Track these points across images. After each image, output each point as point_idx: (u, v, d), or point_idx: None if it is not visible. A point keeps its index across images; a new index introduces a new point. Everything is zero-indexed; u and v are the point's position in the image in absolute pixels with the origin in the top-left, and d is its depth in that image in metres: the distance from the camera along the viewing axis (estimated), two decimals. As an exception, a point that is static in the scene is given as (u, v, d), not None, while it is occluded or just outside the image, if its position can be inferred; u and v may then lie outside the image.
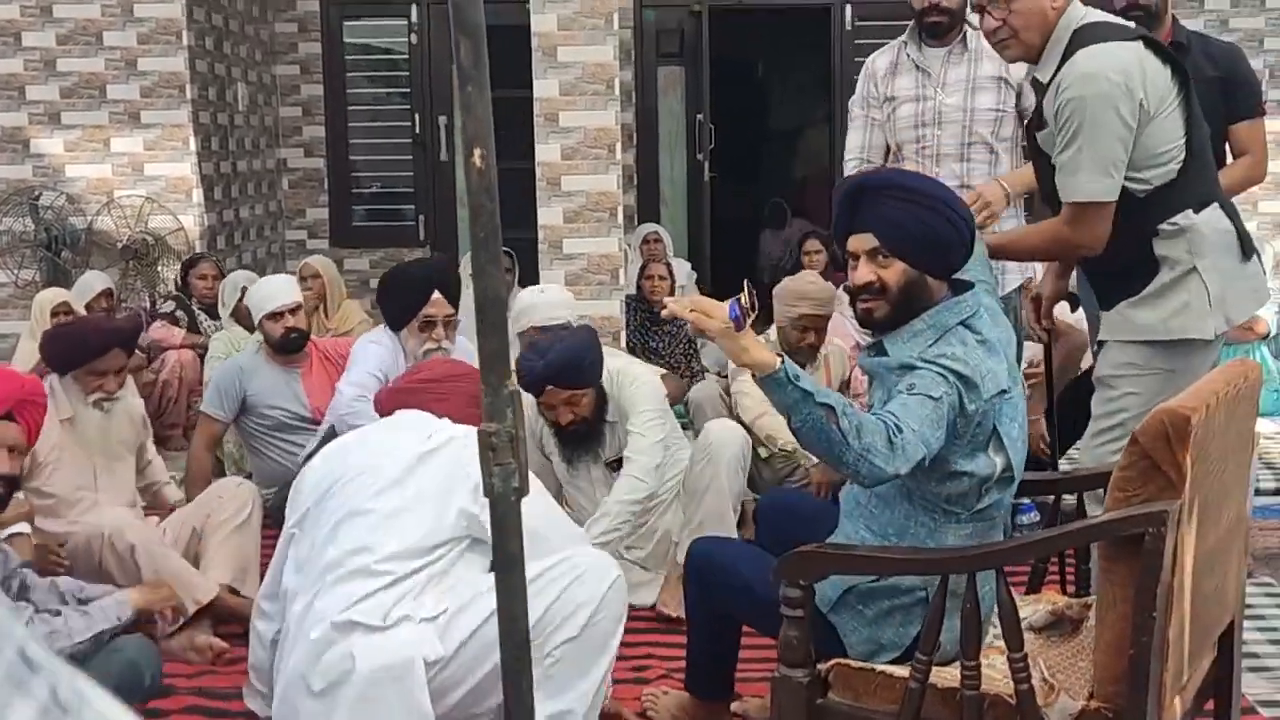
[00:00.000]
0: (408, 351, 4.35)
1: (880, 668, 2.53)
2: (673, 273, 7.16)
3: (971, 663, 2.35)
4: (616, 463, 4.10)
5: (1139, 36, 3.06)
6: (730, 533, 3.92)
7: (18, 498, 3.57)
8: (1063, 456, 4.42)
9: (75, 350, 4.09)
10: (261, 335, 5.10)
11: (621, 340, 5.99)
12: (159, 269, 7.62)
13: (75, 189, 7.75)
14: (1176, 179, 3.03)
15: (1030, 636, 2.62)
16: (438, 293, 4.40)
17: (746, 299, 2.47)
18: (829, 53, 9.59)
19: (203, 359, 6.06)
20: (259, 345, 5.12)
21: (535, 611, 2.58)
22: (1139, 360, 3.09)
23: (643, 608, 3.94)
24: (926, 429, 2.40)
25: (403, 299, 4.44)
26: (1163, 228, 3.03)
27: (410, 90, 9.48)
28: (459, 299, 4.54)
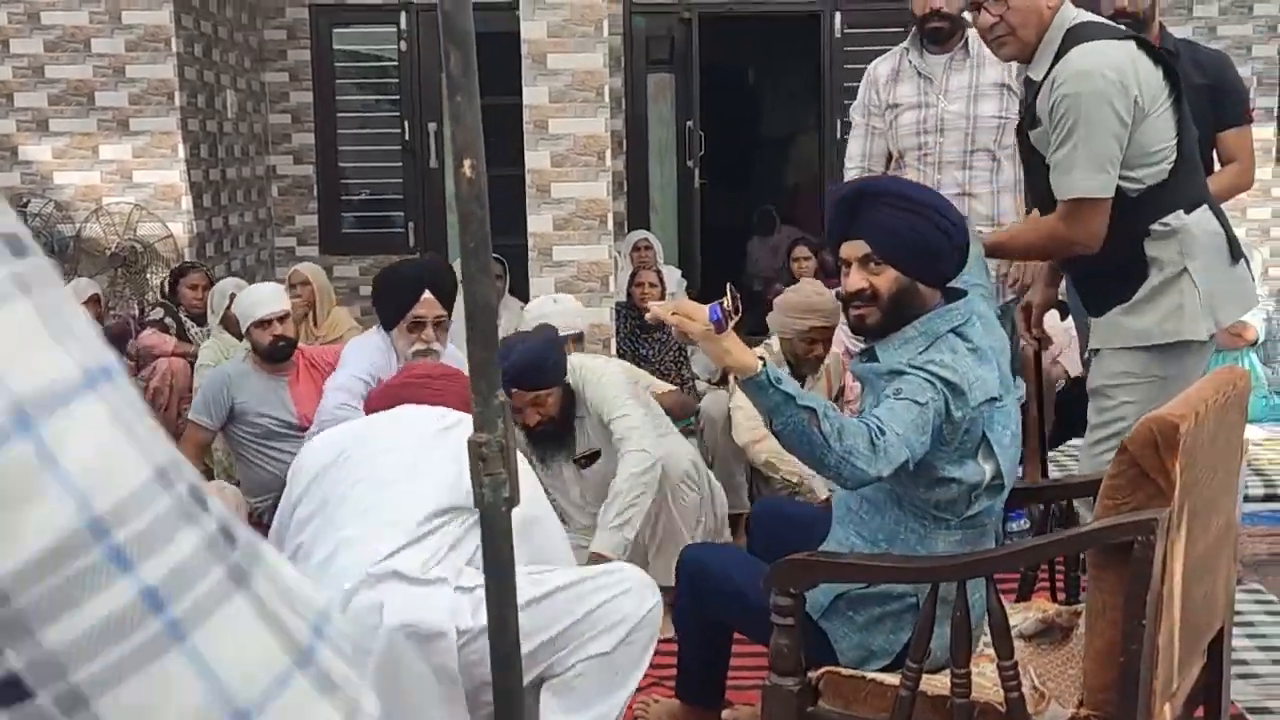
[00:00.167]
0: (398, 352, 4.31)
1: (871, 675, 2.53)
2: (663, 280, 7.15)
3: (962, 670, 2.35)
4: (587, 459, 4.08)
5: (1130, 36, 3.07)
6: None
7: None
8: (1053, 448, 4.43)
9: None
10: (249, 343, 5.08)
11: (612, 347, 5.99)
12: (148, 276, 7.60)
13: (63, 196, 7.73)
14: (1168, 179, 3.03)
15: (1020, 644, 2.62)
16: (429, 293, 4.29)
17: (729, 302, 2.49)
18: (818, 59, 9.60)
19: (193, 366, 6.04)
20: (247, 353, 5.11)
21: (574, 614, 2.55)
22: (1134, 368, 3.10)
23: None
24: (911, 433, 2.41)
25: (393, 298, 4.38)
26: (1154, 228, 3.03)
27: (399, 97, 9.47)
28: (454, 299, 4.48)
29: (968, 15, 4.02)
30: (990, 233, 3.51)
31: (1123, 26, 3.25)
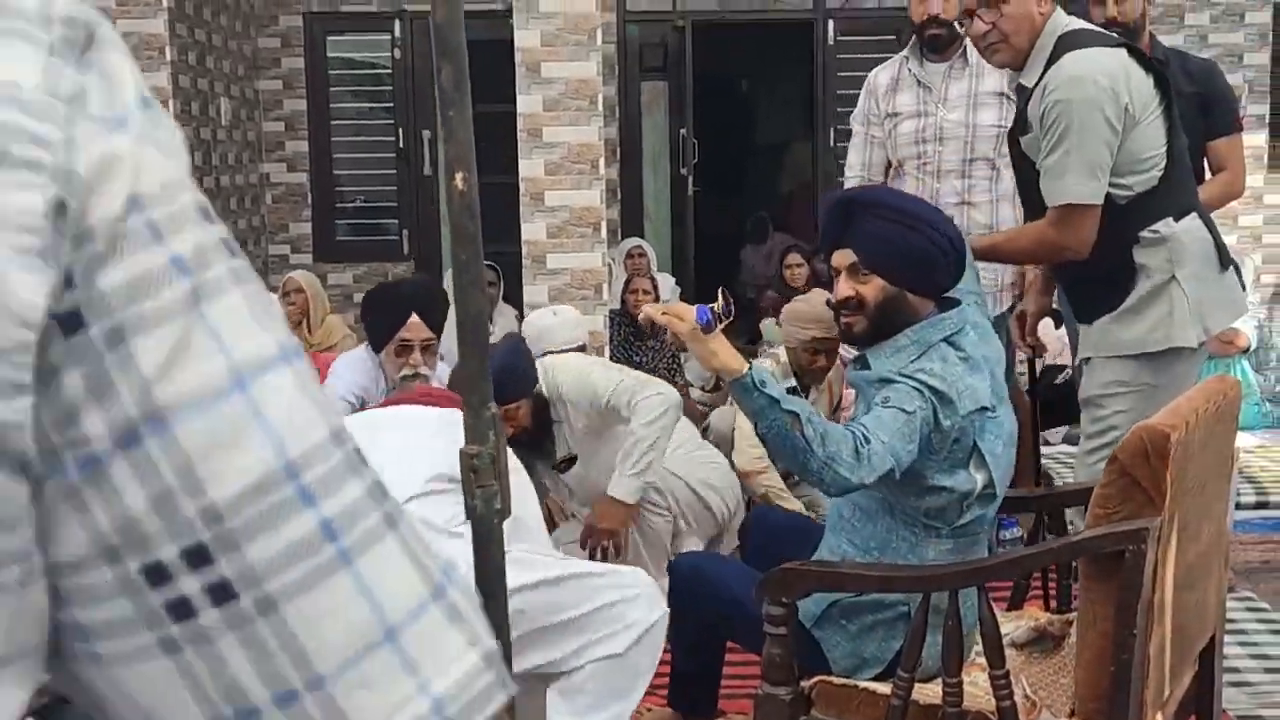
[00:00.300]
0: (386, 374, 4.24)
1: (863, 684, 2.54)
2: (657, 287, 7.17)
3: (954, 680, 2.36)
4: (565, 463, 4.07)
5: (1121, 44, 3.09)
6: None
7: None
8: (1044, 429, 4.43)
9: None
10: None
11: (605, 355, 5.99)
12: (141, 284, 7.58)
13: (57, 204, 7.72)
14: (1158, 186, 3.05)
15: (1012, 653, 2.63)
16: (415, 316, 4.18)
17: (720, 305, 2.52)
18: (811, 67, 9.62)
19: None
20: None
21: (586, 605, 2.54)
22: (1126, 377, 3.10)
23: None
24: (897, 441, 2.42)
25: (380, 320, 4.29)
26: (1144, 235, 3.04)
27: (393, 105, 9.48)
28: (443, 323, 4.42)
29: (959, 24, 4.04)
30: (979, 237, 3.51)
31: (1114, 34, 3.26)
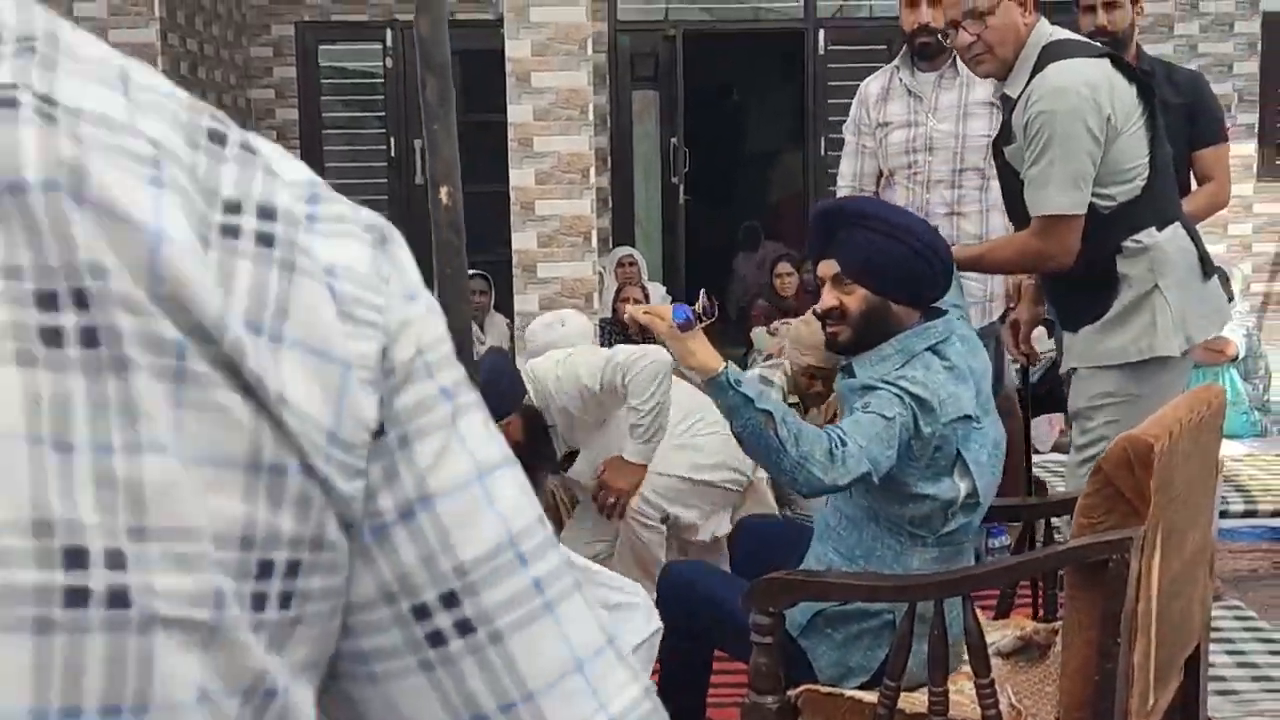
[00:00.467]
0: None
1: (849, 693, 2.55)
2: (648, 295, 7.19)
3: (939, 689, 2.37)
4: (567, 460, 4.07)
5: (1105, 54, 3.10)
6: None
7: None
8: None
9: None
10: None
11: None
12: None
13: (48, 213, 7.73)
14: (1140, 196, 3.06)
15: (998, 662, 2.64)
16: None
17: (701, 305, 2.57)
18: (802, 76, 9.65)
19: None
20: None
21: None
22: (1112, 388, 3.12)
23: None
24: (875, 446, 2.44)
25: None
26: (1126, 245, 3.06)
27: (385, 114, 9.50)
28: None
29: (946, 35, 4.06)
30: (962, 247, 3.52)
31: (1098, 44, 3.28)
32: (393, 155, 9.38)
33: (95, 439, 0.47)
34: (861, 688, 2.59)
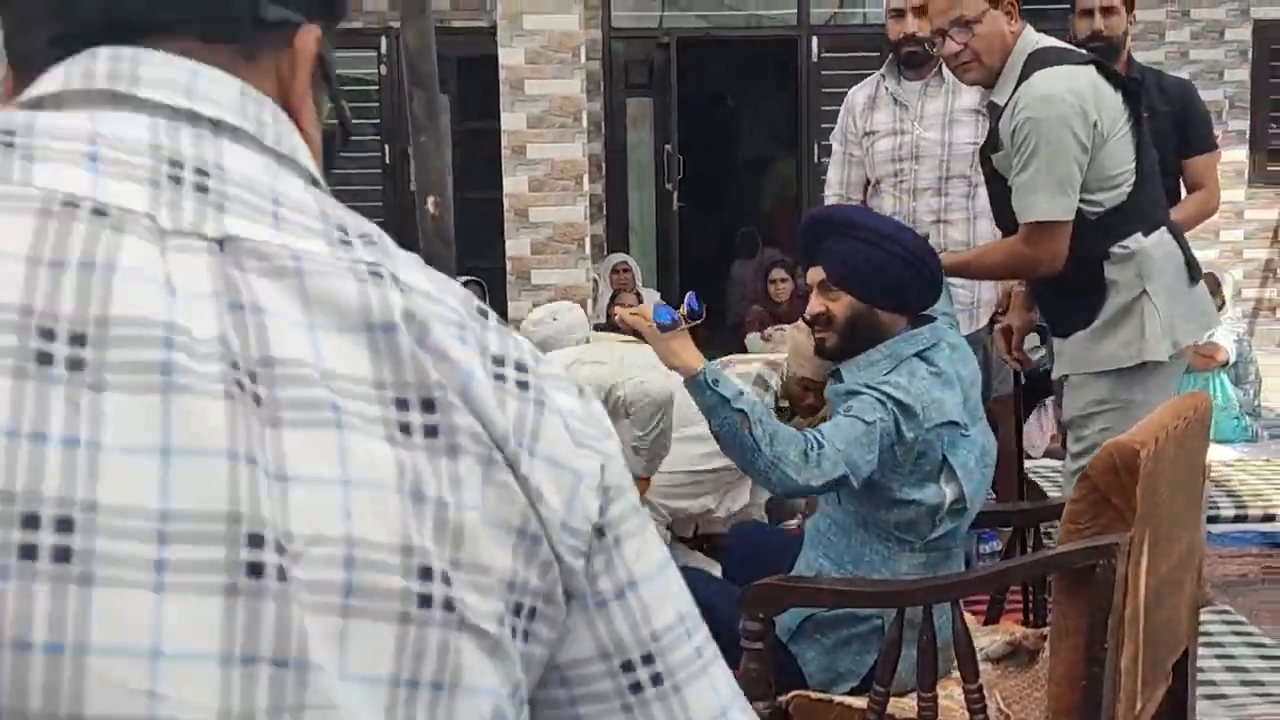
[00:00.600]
0: None
1: (839, 699, 2.56)
2: (642, 301, 7.20)
3: (928, 694, 2.38)
4: None
5: (1090, 61, 3.12)
6: None
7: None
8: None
9: None
10: None
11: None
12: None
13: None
14: (1127, 202, 3.07)
15: (988, 667, 2.65)
16: None
17: (686, 308, 2.65)
18: (796, 83, 9.67)
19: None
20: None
21: None
22: (1104, 394, 3.13)
23: None
24: (853, 450, 2.46)
25: None
26: (1114, 251, 3.07)
27: (380, 121, 9.50)
28: None
29: (932, 44, 4.07)
30: (950, 254, 3.53)
31: (1083, 51, 3.29)
32: (387, 162, 9.39)
33: (437, 496, 0.70)
34: (851, 693, 2.60)
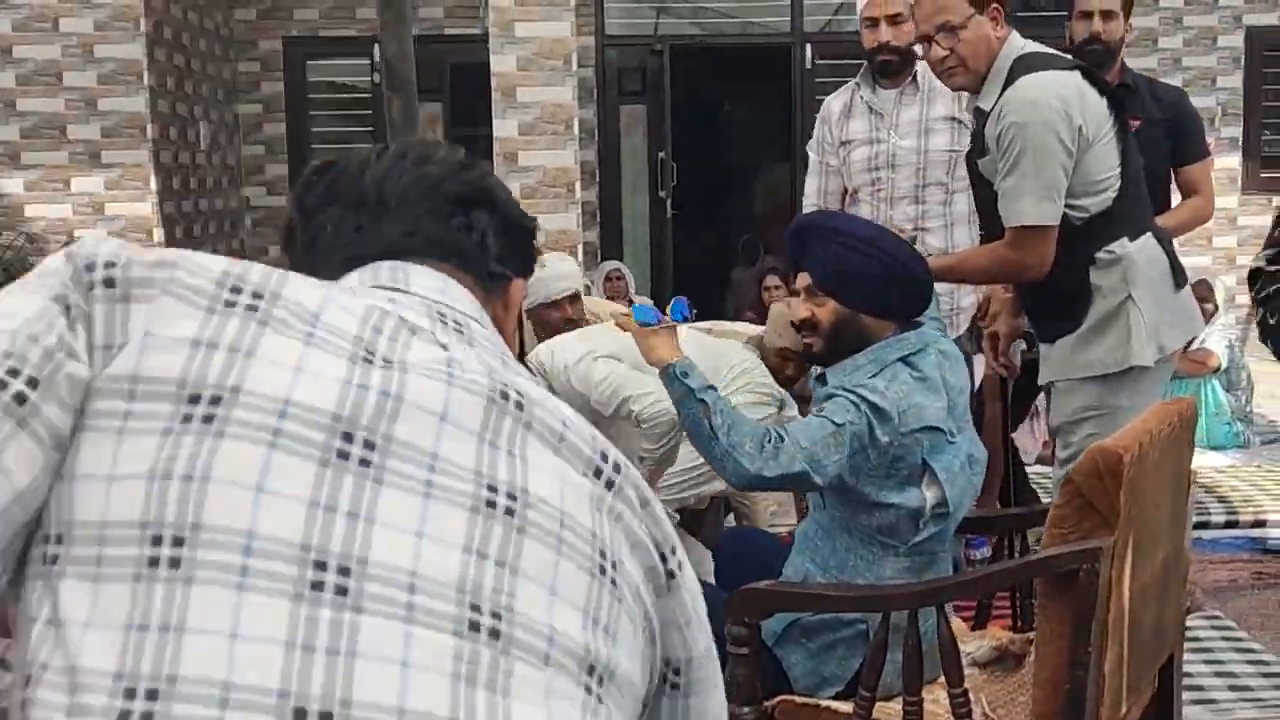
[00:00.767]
0: None
1: (825, 703, 2.56)
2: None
3: (914, 699, 2.38)
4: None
5: (1075, 66, 3.13)
6: None
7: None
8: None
9: None
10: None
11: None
12: (119, 308, 7.61)
13: (35, 229, 7.74)
14: (1112, 207, 3.08)
15: (974, 672, 2.65)
16: None
17: (668, 313, 2.86)
18: (789, 91, 9.68)
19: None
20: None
21: None
22: (1092, 401, 3.13)
23: None
24: (818, 448, 2.49)
25: None
26: (1099, 256, 3.08)
27: (374, 129, 9.51)
28: None
29: (918, 49, 4.09)
30: (936, 258, 3.54)
31: (1069, 56, 3.30)
32: (380, 169, 9.39)
33: (630, 580, 1.07)
34: (836, 697, 2.60)
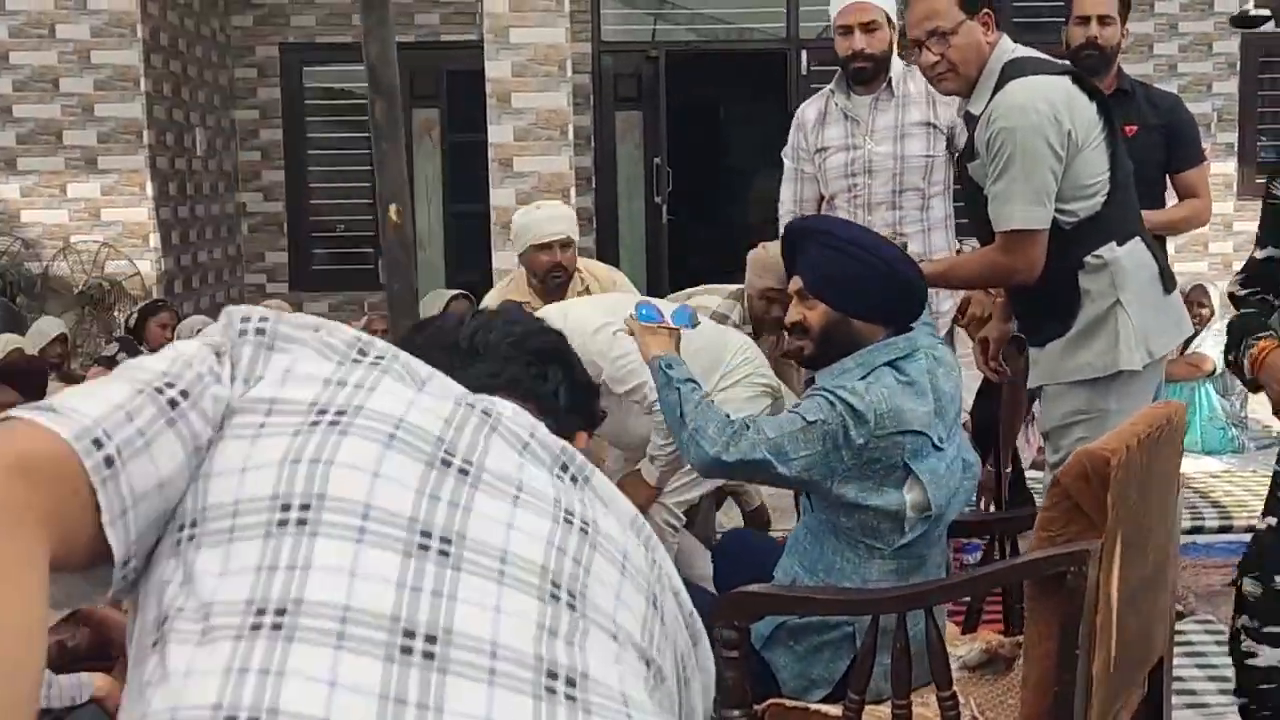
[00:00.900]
0: None
1: (815, 706, 2.56)
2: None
3: (902, 702, 2.38)
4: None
5: (1065, 71, 3.14)
6: None
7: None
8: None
9: None
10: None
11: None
12: (115, 314, 7.61)
13: (31, 234, 7.74)
14: (1101, 212, 3.09)
15: (964, 675, 2.66)
16: None
17: (671, 318, 2.99)
18: (785, 97, 9.70)
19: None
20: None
21: None
22: (1081, 405, 3.14)
23: None
24: (784, 440, 2.53)
25: None
26: (1088, 260, 3.08)
27: (369, 135, 9.51)
28: None
29: (897, 60, 4.11)
30: (928, 263, 3.54)
31: (1060, 61, 3.31)
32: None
33: (665, 616, 1.18)
34: (825, 700, 2.60)
